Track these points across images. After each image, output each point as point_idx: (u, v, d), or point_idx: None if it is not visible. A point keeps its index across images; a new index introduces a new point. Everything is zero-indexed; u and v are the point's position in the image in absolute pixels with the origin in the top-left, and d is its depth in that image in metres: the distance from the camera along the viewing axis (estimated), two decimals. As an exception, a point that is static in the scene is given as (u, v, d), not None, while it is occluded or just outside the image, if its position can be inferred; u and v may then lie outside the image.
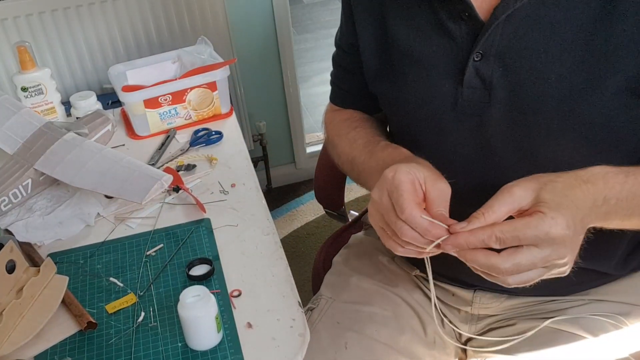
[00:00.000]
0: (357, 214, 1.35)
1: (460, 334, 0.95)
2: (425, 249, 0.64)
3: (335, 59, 0.98)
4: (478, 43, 0.72)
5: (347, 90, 0.97)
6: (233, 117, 1.35)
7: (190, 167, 1.17)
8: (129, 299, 0.86)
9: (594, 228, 0.67)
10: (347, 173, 0.93)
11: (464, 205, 0.80)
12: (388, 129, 0.98)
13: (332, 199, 1.32)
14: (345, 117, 0.97)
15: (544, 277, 0.62)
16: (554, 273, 0.62)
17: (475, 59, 0.73)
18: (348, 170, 0.92)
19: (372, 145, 0.86)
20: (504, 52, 0.72)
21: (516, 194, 0.62)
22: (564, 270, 0.62)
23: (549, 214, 0.59)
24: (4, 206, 1.03)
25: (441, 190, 0.67)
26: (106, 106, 1.45)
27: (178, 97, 1.29)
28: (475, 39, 0.73)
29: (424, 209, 0.66)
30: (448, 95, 0.77)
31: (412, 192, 0.65)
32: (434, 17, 0.75)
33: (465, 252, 0.62)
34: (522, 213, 0.62)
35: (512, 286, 0.62)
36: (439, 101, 0.78)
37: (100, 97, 1.40)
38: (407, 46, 0.79)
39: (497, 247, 0.60)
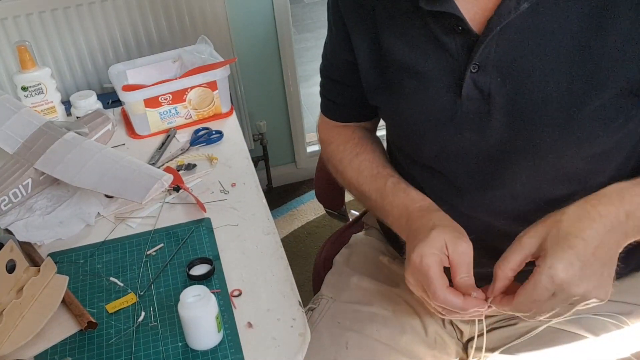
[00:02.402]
0: (357, 213, 1.35)
1: (461, 334, 0.95)
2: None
3: (325, 72, 0.96)
4: (474, 55, 0.72)
5: (341, 103, 0.96)
6: (233, 117, 1.35)
7: (190, 167, 1.16)
8: (129, 299, 0.86)
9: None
10: (357, 199, 0.94)
11: (470, 211, 0.81)
12: (386, 137, 0.97)
13: (332, 199, 1.31)
14: (344, 139, 0.96)
15: (579, 308, 0.67)
16: (590, 303, 0.66)
17: (473, 70, 0.73)
18: (357, 197, 0.93)
19: (380, 182, 0.87)
20: (500, 63, 0.71)
21: (525, 243, 0.67)
22: (598, 299, 0.66)
23: (546, 264, 0.64)
24: (4, 206, 1.03)
25: (463, 254, 0.71)
26: (106, 105, 1.45)
27: (178, 96, 1.28)
28: (471, 51, 0.72)
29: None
30: (447, 107, 0.77)
31: (441, 276, 0.70)
32: (427, 31, 0.75)
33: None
34: (536, 257, 0.66)
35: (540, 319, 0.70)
36: (438, 114, 0.78)
37: (100, 97, 1.40)
38: (403, 60, 0.78)
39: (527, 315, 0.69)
